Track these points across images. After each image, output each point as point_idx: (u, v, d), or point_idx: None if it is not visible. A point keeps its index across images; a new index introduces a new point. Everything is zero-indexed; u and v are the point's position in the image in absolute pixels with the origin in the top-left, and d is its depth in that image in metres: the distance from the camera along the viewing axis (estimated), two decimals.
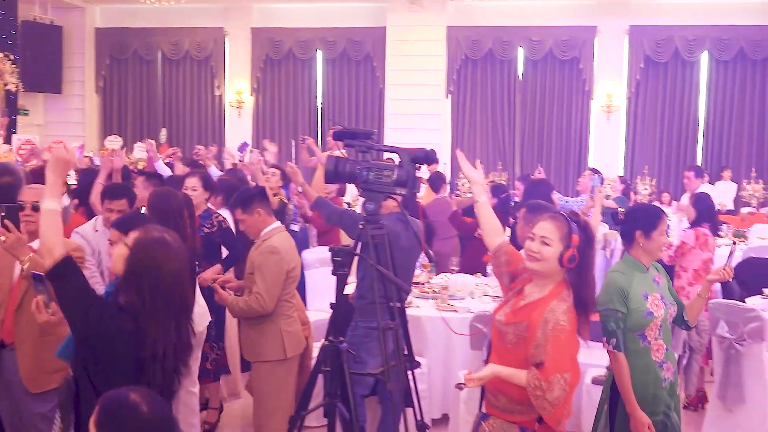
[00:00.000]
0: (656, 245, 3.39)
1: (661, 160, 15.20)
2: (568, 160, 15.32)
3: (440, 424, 5.11)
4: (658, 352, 3.32)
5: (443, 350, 5.10)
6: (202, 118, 16.76)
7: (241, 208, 4.11)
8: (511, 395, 2.85)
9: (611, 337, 3.26)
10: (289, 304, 4.04)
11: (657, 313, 3.29)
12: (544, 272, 2.87)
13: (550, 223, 2.88)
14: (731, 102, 14.90)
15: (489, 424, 2.92)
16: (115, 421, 1.99)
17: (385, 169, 3.39)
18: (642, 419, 3.23)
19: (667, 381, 3.36)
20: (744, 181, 13.99)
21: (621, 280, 3.30)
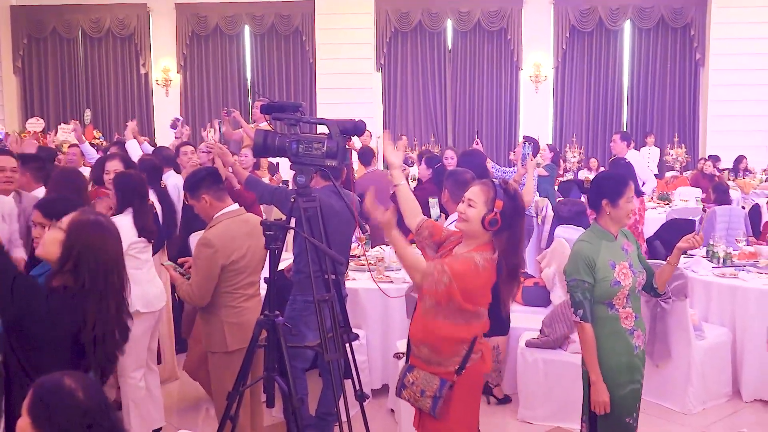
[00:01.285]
0: (623, 212, 3.31)
1: (588, 128, 15.57)
2: (499, 130, 15.54)
3: (380, 394, 5.16)
4: (627, 319, 3.28)
5: (381, 322, 5.14)
6: (128, 98, 16.32)
7: (189, 193, 3.92)
8: (433, 345, 2.99)
9: (578, 308, 3.23)
10: (235, 295, 3.77)
11: (624, 282, 3.24)
12: (469, 232, 3.03)
13: (478, 188, 3.05)
14: (653, 69, 15.33)
15: (413, 375, 3.03)
16: (50, 407, 1.94)
17: (314, 142, 3.36)
18: (602, 390, 3.21)
19: (638, 348, 3.32)
20: (668, 145, 14.46)
21: (587, 250, 3.25)
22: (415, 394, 3.02)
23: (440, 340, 2.99)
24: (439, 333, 2.98)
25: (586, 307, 3.23)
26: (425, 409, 3.01)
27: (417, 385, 3.02)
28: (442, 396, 2.96)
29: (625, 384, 3.27)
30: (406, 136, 15.15)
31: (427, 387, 2.99)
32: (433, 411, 2.97)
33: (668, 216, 8.64)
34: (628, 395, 3.28)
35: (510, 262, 3.01)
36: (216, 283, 3.72)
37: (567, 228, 7.60)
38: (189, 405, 5.29)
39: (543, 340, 4.91)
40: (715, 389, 5.07)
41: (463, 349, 3.00)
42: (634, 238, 3.49)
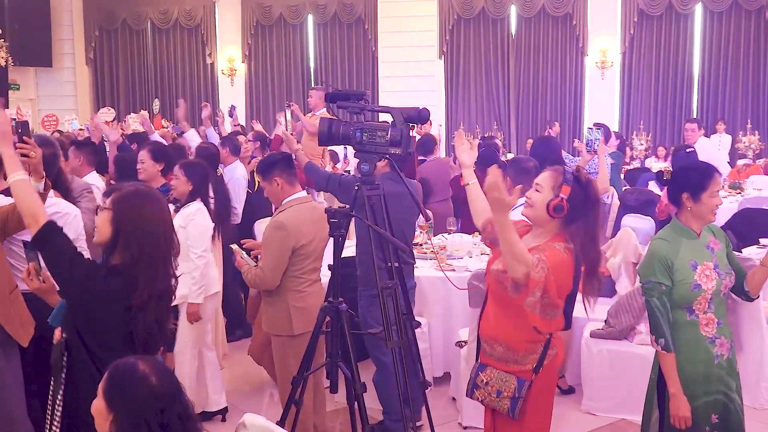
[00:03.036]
0: (707, 208, 3.01)
1: (656, 115, 15.16)
2: (563, 118, 15.28)
3: (442, 383, 5.17)
4: (707, 326, 3.02)
5: (443, 310, 5.14)
6: (194, 87, 16.66)
7: (261, 175, 4.06)
8: (507, 343, 2.90)
9: (659, 336, 3.01)
10: (301, 279, 3.86)
11: (707, 285, 2.97)
12: (535, 219, 2.94)
13: (548, 173, 2.96)
14: (725, 54, 14.80)
15: (486, 375, 2.94)
16: (125, 391, 2.01)
17: (378, 130, 3.37)
18: (682, 404, 2.99)
19: (720, 357, 3.04)
20: (740, 132, 13.98)
21: (665, 249, 3.00)
22: (490, 395, 2.92)
23: (517, 339, 2.87)
24: (521, 333, 2.87)
25: (668, 335, 2.97)
26: (503, 410, 2.90)
27: (492, 385, 2.92)
28: (521, 396, 2.86)
29: (700, 396, 3.03)
30: (468, 124, 15.07)
31: (504, 387, 2.89)
32: (512, 412, 2.87)
33: (740, 205, 8.36)
34: (701, 407, 3.03)
35: (588, 257, 2.86)
36: (286, 268, 3.81)
37: (633, 217, 7.45)
38: (253, 389, 5.40)
39: (608, 331, 4.83)
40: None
41: (540, 346, 2.90)
42: (724, 235, 3.19)
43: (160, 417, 1.99)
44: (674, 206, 3.14)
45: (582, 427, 4.65)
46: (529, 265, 2.72)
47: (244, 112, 15.88)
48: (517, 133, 15.17)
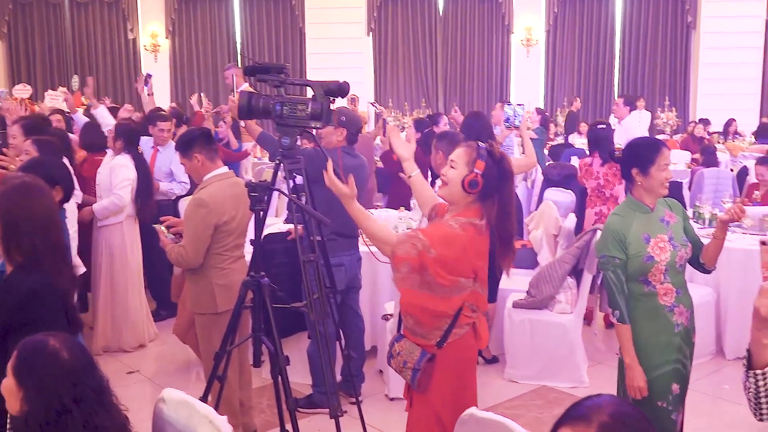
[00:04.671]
0: (657, 182, 3.04)
1: (579, 92, 15.50)
2: (490, 94, 15.48)
3: (369, 355, 5.20)
4: (666, 296, 3.05)
5: (369, 284, 5.16)
6: (116, 64, 16.17)
7: (181, 152, 3.96)
8: (416, 317, 2.90)
9: (614, 308, 3.06)
10: (224, 256, 3.82)
11: (660, 257, 3.01)
12: (451, 197, 2.90)
13: (461, 149, 2.92)
14: (645, 33, 15.24)
15: (400, 345, 2.96)
16: (34, 367, 1.96)
17: (299, 103, 3.35)
18: (638, 375, 3.02)
19: (680, 326, 3.09)
20: (658, 109, 14.44)
21: (617, 224, 3.07)
22: (399, 365, 2.93)
23: (420, 312, 2.87)
24: (418, 304, 2.86)
25: (623, 308, 3.04)
26: (407, 380, 2.93)
27: (402, 355, 2.93)
28: (420, 369, 2.85)
29: (660, 365, 3.06)
30: (397, 101, 15.10)
31: (409, 358, 2.89)
32: (413, 383, 2.88)
33: None
34: (661, 377, 3.06)
35: (502, 231, 2.87)
36: (208, 245, 3.76)
37: (555, 191, 7.62)
38: (179, 368, 5.34)
39: (529, 301, 4.96)
40: (699, 348, 5.11)
41: (445, 322, 2.87)
42: (682, 209, 3.23)
43: (72, 391, 1.95)
44: (626, 181, 3.19)
45: (505, 394, 4.76)
46: (392, 244, 2.77)
47: (168, 88, 15.52)
48: (445, 109, 15.28)
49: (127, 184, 5.50)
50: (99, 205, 5.49)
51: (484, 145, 2.94)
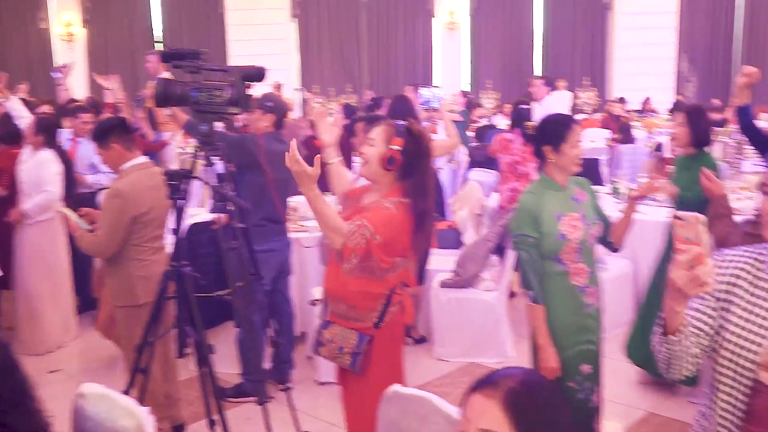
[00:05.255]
0: (569, 159, 3.00)
1: (503, 74, 15.74)
2: (415, 78, 15.51)
3: (298, 342, 5.20)
4: (578, 276, 3.03)
5: (296, 270, 5.15)
6: (27, 54, 15.55)
7: (97, 141, 3.86)
8: (350, 303, 2.91)
9: (528, 288, 3.02)
10: (143, 248, 3.76)
11: (572, 236, 2.98)
12: (371, 175, 2.93)
13: (380, 127, 2.95)
14: (563, 14, 15.57)
15: (330, 331, 2.96)
16: None
17: (215, 90, 3.30)
18: (550, 355, 2.99)
19: (591, 307, 3.08)
20: (577, 89, 14.78)
21: (530, 202, 3.02)
22: (334, 351, 2.93)
23: (358, 297, 2.88)
24: (357, 290, 2.87)
25: (536, 288, 3.00)
26: (345, 365, 2.92)
27: (335, 341, 2.92)
28: (361, 352, 2.87)
29: (570, 346, 3.03)
30: (323, 86, 15.02)
31: (346, 343, 2.90)
32: (353, 367, 2.88)
33: None
34: (572, 358, 3.04)
35: (419, 207, 2.89)
36: (124, 236, 3.69)
37: (479, 171, 7.74)
38: (103, 365, 5.22)
39: (455, 280, 5.03)
40: (617, 318, 5.30)
41: (381, 303, 2.90)
42: (590, 187, 3.21)
43: None
44: (538, 159, 3.14)
45: (434, 373, 4.84)
46: (344, 235, 2.75)
47: (84, 78, 15.05)
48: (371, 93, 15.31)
49: (57, 179, 5.35)
50: (30, 204, 5.30)
51: (402, 122, 2.98)
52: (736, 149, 9.15)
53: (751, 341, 1.81)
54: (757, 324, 1.81)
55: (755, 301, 1.84)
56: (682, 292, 1.64)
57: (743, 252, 1.92)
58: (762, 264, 1.86)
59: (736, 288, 1.87)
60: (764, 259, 1.86)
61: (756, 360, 1.79)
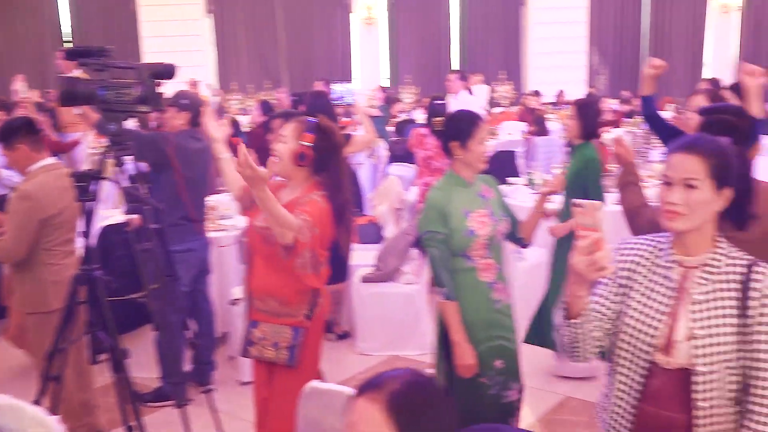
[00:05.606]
0: (475, 156, 3.03)
1: (421, 69, 15.89)
2: (334, 74, 15.49)
3: (219, 342, 5.14)
4: (486, 272, 3.03)
5: (216, 269, 5.08)
6: None
7: (3, 142, 3.71)
8: (281, 297, 2.92)
9: (441, 285, 2.98)
10: (54, 252, 3.64)
11: (481, 232, 2.98)
12: (285, 172, 2.96)
13: (291, 124, 2.98)
14: (479, 9, 15.82)
15: (260, 330, 2.95)
16: None
17: (123, 88, 3.22)
18: (467, 352, 2.96)
19: (500, 303, 3.07)
20: (494, 83, 15.05)
21: (439, 199, 3.02)
22: (267, 349, 2.92)
23: (292, 292, 2.91)
24: (292, 285, 2.89)
25: (449, 284, 2.97)
26: (281, 360, 2.91)
27: (267, 338, 2.93)
28: (298, 344, 2.89)
29: (481, 341, 3.01)
30: (241, 83, 14.84)
31: (280, 338, 2.91)
32: (291, 361, 2.89)
33: (495, 149, 9.06)
34: (483, 354, 3.01)
35: (336, 202, 2.93)
36: (33, 239, 3.57)
37: (399, 166, 7.81)
38: (15, 376, 5.02)
39: (377, 275, 5.06)
40: (534, 305, 5.44)
41: (311, 295, 2.94)
42: (496, 184, 3.24)
43: None
44: (446, 155, 3.16)
45: (357, 368, 4.85)
46: (295, 230, 2.75)
47: None
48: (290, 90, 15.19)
49: None
50: None
51: (313, 118, 3.00)
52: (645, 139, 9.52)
53: (648, 324, 1.89)
54: (654, 308, 1.89)
55: (653, 287, 1.92)
56: (583, 277, 1.70)
57: (644, 240, 2.01)
58: (660, 251, 1.95)
59: (636, 274, 1.95)
60: (662, 246, 1.95)
61: (652, 342, 1.87)
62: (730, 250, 1.89)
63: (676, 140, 1.92)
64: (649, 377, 1.89)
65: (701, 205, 1.81)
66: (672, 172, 1.85)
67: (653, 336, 1.87)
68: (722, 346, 1.81)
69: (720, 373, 1.81)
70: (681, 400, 1.84)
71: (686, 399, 1.83)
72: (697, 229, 1.85)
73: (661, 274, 1.92)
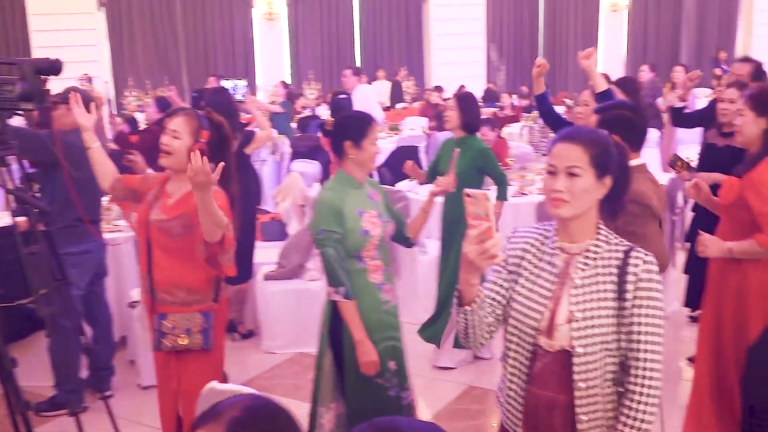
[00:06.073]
0: (368, 155, 3.02)
1: (323, 65, 15.85)
2: (236, 70, 15.27)
3: (119, 346, 4.98)
4: (375, 273, 3.03)
5: (112, 272, 4.91)
6: None
7: None
8: (189, 286, 2.96)
9: (338, 285, 2.94)
10: None
11: (374, 232, 2.98)
12: (176, 166, 2.95)
13: (182, 118, 2.97)
14: (381, 4, 15.90)
15: (170, 321, 2.95)
16: None
17: (5, 84, 3.06)
18: (368, 349, 2.94)
19: (388, 304, 3.09)
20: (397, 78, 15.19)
21: (333, 198, 2.97)
22: (181, 337, 2.93)
23: (197, 279, 2.97)
24: (204, 274, 2.96)
25: (347, 283, 2.94)
26: (196, 345, 2.94)
27: (179, 327, 2.95)
28: (211, 326, 2.96)
29: (375, 343, 2.99)
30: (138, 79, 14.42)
31: (192, 324, 2.95)
32: (207, 344, 2.95)
33: (397, 144, 9.15)
34: (378, 355, 2.98)
35: (230, 193, 2.99)
36: None
37: (302, 162, 7.77)
38: None
39: (280, 272, 5.02)
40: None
41: (214, 278, 3.03)
42: (381, 188, 3.26)
43: None
44: (337, 156, 3.11)
45: (263, 366, 4.81)
46: (223, 226, 2.80)
47: None
48: (189, 86, 14.87)
49: None
50: None
51: (201, 113, 3.03)
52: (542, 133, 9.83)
53: (533, 309, 1.96)
54: (538, 293, 1.97)
55: (539, 273, 1.99)
56: (474, 265, 1.73)
57: (533, 228, 2.08)
58: (546, 239, 2.02)
59: (524, 261, 2.02)
60: (549, 234, 2.02)
61: (536, 326, 1.94)
62: (611, 237, 1.97)
63: (559, 132, 1.99)
64: (534, 360, 1.96)
65: (584, 193, 1.88)
66: (556, 161, 1.91)
67: (537, 320, 1.94)
68: (600, 329, 1.88)
69: (598, 354, 1.88)
70: (563, 381, 1.91)
71: (567, 380, 1.90)
72: (580, 217, 1.92)
73: (546, 261, 1.99)
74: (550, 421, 1.93)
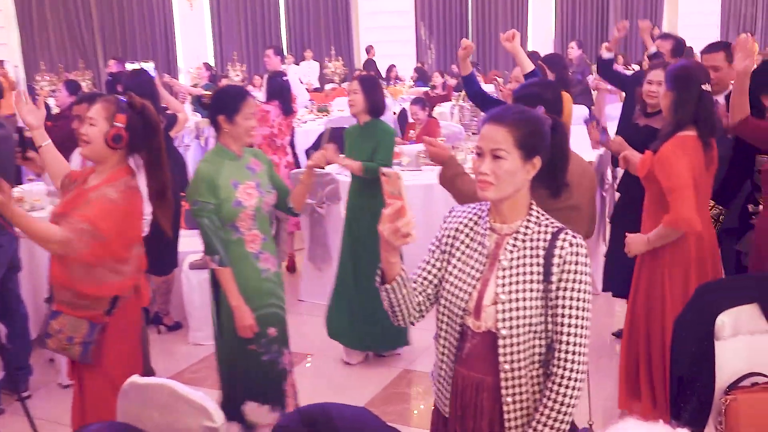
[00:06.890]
0: (242, 129, 3.14)
1: (248, 45, 15.54)
2: (156, 53, 14.83)
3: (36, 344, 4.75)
4: (253, 243, 3.14)
5: (26, 267, 4.67)
6: None
7: None
8: (75, 289, 2.75)
9: (214, 254, 3.07)
10: None
11: (248, 203, 3.09)
12: (95, 156, 2.79)
13: (98, 105, 2.80)
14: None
15: (58, 322, 2.79)
16: None
17: None
18: (245, 314, 3.09)
19: (267, 272, 3.20)
20: (326, 59, 15.00)
21: (208, 170, 3.07)
22: (63, 342, 2.77)
23: (86, 284, 2.74)
24: (89, 281, 2.73)
25: (221, 251, 3.07)
26: (75, 356, 2.78)
27: (64, 332, 2.77)
28: (93, 341, 2.75)
29: (254, 309, 3.13)
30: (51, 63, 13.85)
31: (76, 333, 2.75)
32: (85, 357, 2.75)
33: (325, 125, 9.00)
34: (257, 321, 3.13)
35: (156, 182, 2.84)
36: None
37: None
38: None
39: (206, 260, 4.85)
40: None
41: (111, 293, 2.80)
42: (267, 158, 3.38)
43: None
44: (214, 128, 3.24)
45: (191, 358, 4.67)
46: (58, 242, 2.61)
47: None
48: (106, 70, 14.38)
49: None
50: None
51: (123, 97, 2.86)
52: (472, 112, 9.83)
53: (462, 290, 1.93)
54: (468, 274, 1.94)
55: (470, 253, 1.96)
56: (390, 243, 1.75)
57: (467, 208, 2.05)
58: (479, 219, 1.98)
59: (456, 241, 1.99)
60: (482, 214, 1.98)
61: (465, 306, 1.92)
62: (541, 219, 1.94)
63: (488, 112, 1.93)
64: (463, 341, 1.95)
65: (508, 175, 1.85)
66: (482, 143, 1.88)
67: (465, 300, 1.92)
68: (525, 311, 1.86)
69: (524, 336, 1.86)
70: (489, 363, 1.90)
71: (494, 361, 1.89)
72: (510, 198, 1.89)
73: (477, 241, 1.96)
74: (477, 402, 1.93)
